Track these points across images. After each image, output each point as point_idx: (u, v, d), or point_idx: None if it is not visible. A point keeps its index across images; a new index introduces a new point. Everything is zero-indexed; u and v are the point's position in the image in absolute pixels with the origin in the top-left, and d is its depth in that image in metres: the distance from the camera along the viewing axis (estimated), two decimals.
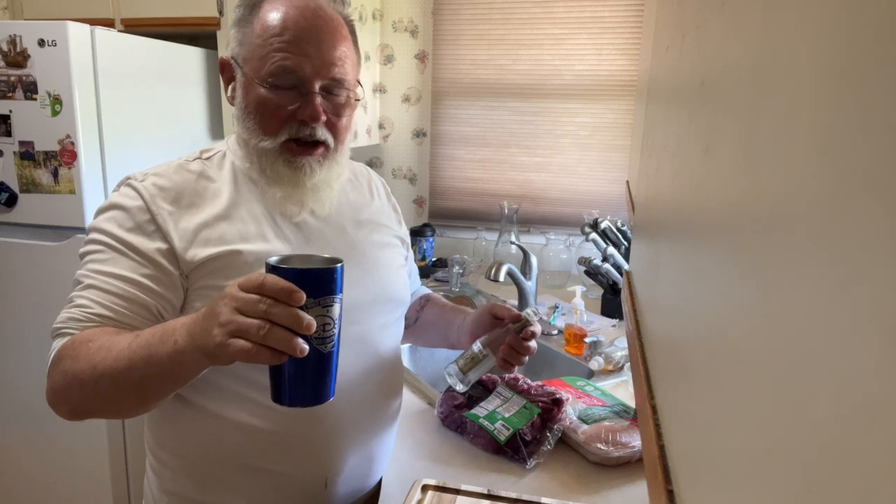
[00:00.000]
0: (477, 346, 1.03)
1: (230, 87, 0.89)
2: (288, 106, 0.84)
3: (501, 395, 1.16)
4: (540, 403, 1.11)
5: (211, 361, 0.64)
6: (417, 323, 1.15)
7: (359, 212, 1.00)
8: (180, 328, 0.67)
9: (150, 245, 0.81)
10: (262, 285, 0.61)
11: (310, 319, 0.61)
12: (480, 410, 1.13)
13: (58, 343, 0.77)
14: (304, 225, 0.91)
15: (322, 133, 0.86)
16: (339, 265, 0.65)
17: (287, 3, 0.84)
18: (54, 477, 1.85)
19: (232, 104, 0.90)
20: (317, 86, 0.84)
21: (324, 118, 0.85)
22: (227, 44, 0.89)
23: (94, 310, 0.78)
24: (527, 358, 1.02)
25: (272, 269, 0.63)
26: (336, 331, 0.65)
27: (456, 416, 1.15)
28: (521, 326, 1.01)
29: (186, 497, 0.89)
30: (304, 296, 0.61)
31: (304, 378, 0.65)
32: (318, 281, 0.63)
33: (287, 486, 0.88)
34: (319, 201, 0.91)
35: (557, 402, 1.11)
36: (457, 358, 1.06)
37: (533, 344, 1.01)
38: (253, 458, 0.86)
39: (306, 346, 0.61)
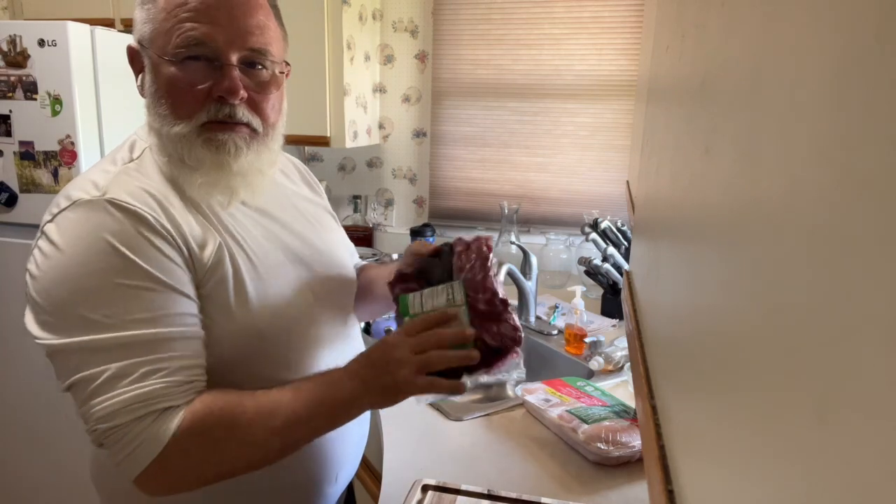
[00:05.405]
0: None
1: (139, 77, 0.78)
2: (201, 84, 0.73)
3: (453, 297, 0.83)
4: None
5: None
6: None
7: (290, 197, 0.93)
8: (348, 381, 0.75)
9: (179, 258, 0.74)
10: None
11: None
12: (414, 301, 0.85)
13: (174, 422, 0.68)
14: (236, 216, 0.81)
15: (243, 113, 0.76)
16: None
17: None
18: (54, 478, 1.85)
19: (143, 95, 0.78)
20: (234, 58, 0.74)
21: (244, 94, 0.75)
22: (133, 30, 0.78)
23: (195, 362, 0.73)
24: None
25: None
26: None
27: (396, 290, 0.88)
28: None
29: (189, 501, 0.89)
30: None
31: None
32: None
33: (299, 486, 0.88)
34: (250, 188, 0.80)
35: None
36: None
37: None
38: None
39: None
